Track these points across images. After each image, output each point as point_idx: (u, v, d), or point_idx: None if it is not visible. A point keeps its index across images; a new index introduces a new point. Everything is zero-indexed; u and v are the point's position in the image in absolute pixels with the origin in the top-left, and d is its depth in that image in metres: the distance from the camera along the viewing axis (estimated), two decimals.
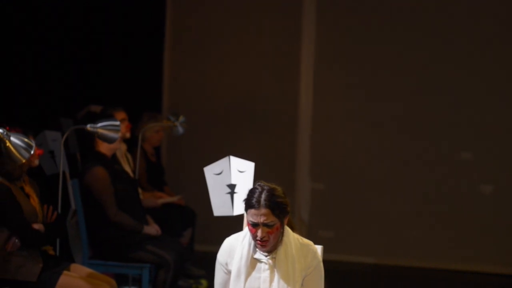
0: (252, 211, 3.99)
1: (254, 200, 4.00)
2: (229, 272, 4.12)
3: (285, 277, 4.03)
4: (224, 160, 4.58)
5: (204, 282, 7.61)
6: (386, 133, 8.94)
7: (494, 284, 8.37)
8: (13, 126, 4.73)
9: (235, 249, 4.11)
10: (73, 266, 5.41)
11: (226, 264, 4.12)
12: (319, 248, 4.36)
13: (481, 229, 8.65)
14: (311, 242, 4.15)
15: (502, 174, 8.65)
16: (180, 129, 7.73)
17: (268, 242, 4.01)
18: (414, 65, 8.85)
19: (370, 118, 8.98)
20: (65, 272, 5.22)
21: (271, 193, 4.01)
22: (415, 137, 8.85)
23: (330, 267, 4.78)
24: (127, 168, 6.97)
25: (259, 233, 3.98)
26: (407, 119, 8.87)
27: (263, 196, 3.99)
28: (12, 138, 4.34)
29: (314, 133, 9.18)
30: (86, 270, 5.44)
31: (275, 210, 3.99)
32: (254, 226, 4.00)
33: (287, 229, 4.11)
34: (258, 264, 4.09)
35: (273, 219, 3.99)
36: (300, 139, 9.20)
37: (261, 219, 3.97)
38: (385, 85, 8.95)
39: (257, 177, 4.39)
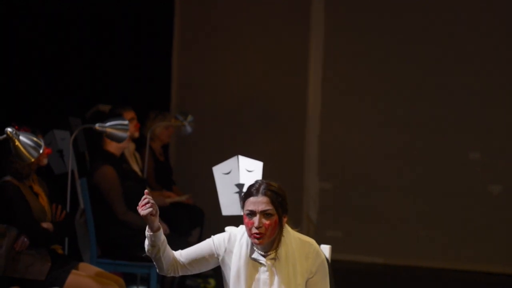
0: (250, 199, 3.90)
1: (253, 189, 3.93)
2: (214, 258, 4.02)
3: (286, 280, 3.92)
4: (232, 160, 4.58)
5: (212, 281, 7.61)
6: (394, 133, 8.93)
7: (510, 285, 8.33)
8: (22, 125, 4.74)
9: (235, 242, 4.00)
10: (82, 265, 5.42)
11: (219, 248, 4.01)
12: (327, 248, 4.34)
13: (492, 229, 8.62)
14: (312, 241, 4.01)
15: (511, 174, 8.62)
16: (189, 129, 7.73)
17: (263, 236, 3.88)
18: (423, 65, 8.83)
19: (378, 118, 8.97)
20: (73, 271, 5.22)
21: (270, 185, 3.94)
22: (423, 137, 8.83)
23: (338, 266, 4.78)
24: (136, 167, 6.97)
25: (255, 221, 3.86)
26: (415, 119, 8.86)
27: (262, 186, 3.93)
28: (21, 137, 4.35)
29: (322, 133, 9.17)
30: (95, 269, 5.45)
31: (274, 200, 3.90)
32: (251, 216, 3.89)
33: (288, 229, 4.00)
34: (257, 265, 3.96)
35: (271, 208, 3.88)
36: (308, 138, 9.19)
37: (260, 207, 3.88)
38: (393, 85, 8.93)
39: (265, 176, 4.37)
